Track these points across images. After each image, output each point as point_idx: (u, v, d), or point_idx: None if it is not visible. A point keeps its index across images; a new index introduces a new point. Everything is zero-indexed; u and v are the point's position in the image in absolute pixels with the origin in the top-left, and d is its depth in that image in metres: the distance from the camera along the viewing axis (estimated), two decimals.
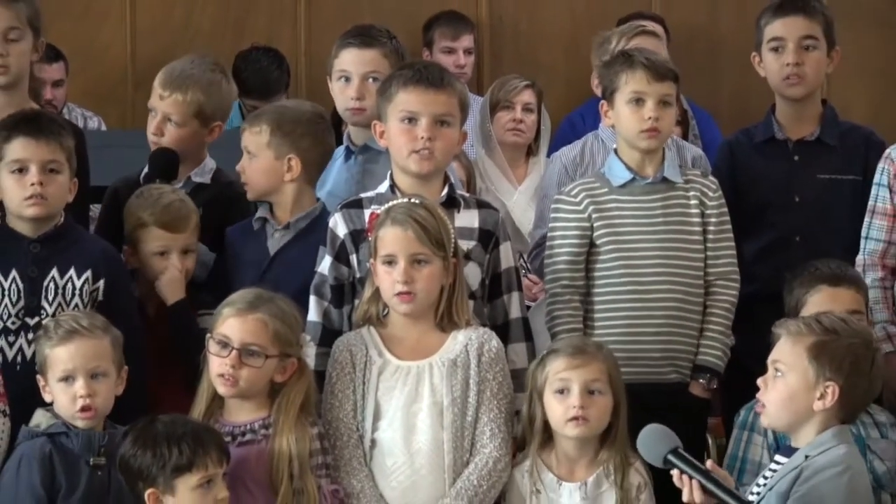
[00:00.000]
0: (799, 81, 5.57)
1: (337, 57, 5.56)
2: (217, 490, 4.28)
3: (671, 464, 4.10)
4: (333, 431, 4.59)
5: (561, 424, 4.61)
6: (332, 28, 7.74)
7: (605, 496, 4.63)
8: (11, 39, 5.29)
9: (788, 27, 5.58)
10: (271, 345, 4.52)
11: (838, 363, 4.27)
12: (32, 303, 4.79)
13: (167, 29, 7.73)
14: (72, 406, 4.47)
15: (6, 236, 4.89)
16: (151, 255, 5.08)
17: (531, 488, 4.64)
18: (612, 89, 5.10)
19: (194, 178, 5.43)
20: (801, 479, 4.16)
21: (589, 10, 7.81)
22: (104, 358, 4.51)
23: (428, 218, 4.61)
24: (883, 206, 5.33)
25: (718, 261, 5.09)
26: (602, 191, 5.10)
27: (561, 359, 4.63)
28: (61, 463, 4.43)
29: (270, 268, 5.07)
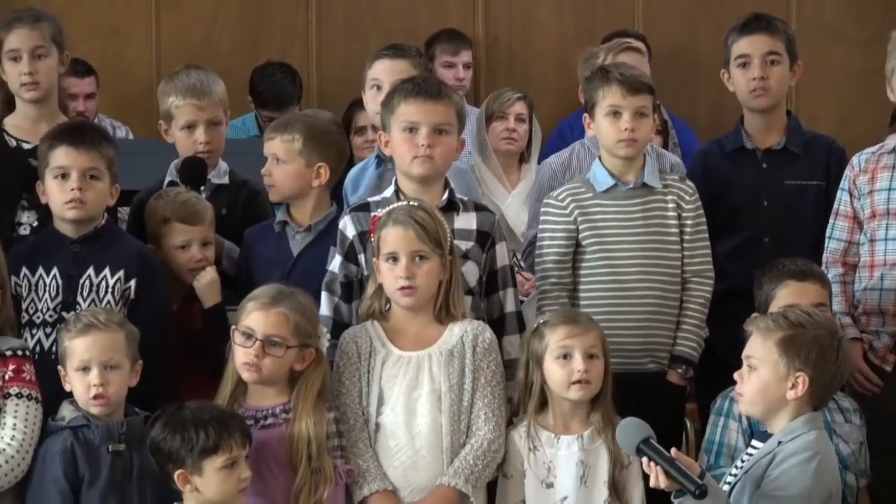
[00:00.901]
0: (764, 94, 5.57)
1: (370, 68, 5.56)
2: (240, 471, 4.29)
3: (642, 452, 4.14)
4: (341, 416, 4.59)
5: (563, 388, 4.62)
6: (341, 45, 7.81)
7: (599, 449, 4.62)
8: (39, 56, 5.31)
9: (753, 44, 5.59)
10: (292, 336, 4.51)
11: (806, 354, 4.29)
12: (69, 298, 4.82)
13: (189, 47, 7.68)
14: (86, 394, 4.47)
15: (52, 237, 4.93)
16: (174, 248, 5.09)
17: (529, 446, 4.64)
18: (592, 103, 5.11)
19: (213, 180, 5.43)
20: (773, 464, 4.20)
21: (576, 30, 7.78)
22: (118, 351, 4.50)
23: (427, 219, 4.61)
24: (845, 210, 5.34)
25: (694, 259, 5.10)
26: (587, 195, 5.10)
27: (562, 328, 4.63)
28: (83, 454, 4.43)
29: (295, 268, 5.08)
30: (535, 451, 4.64)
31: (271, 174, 5.19)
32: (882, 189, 5.26)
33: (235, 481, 4.29)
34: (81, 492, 4.41)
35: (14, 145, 5.29)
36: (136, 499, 4.45)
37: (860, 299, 5.27)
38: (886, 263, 5.22)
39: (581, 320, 4.70)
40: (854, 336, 5.22)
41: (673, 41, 7.94)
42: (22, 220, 5.18)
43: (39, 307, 4.84)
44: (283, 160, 5.19)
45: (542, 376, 4.66)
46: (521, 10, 8.07)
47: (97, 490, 4.42)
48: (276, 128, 5.26)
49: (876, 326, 5.24)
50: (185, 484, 4.29)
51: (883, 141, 5.53)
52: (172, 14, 7.96)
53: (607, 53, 6.04)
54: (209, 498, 4.29)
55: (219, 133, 5.50)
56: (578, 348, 4.62)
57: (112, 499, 4.42)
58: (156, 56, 7.89)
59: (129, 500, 4.45)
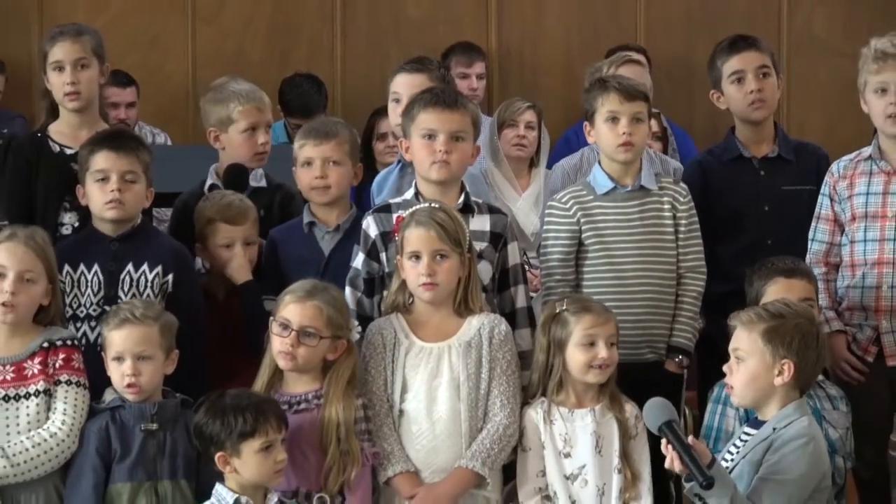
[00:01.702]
0: (762, 105, 5.57)
1: (392, 81, 5.55)
2: (276, 453, 4.30)
3: (662, 433, 4.15)
4: (367, 402, 4.59)
5: (583, 372, 4.65)
6: (363, 58, 7.78)
7: (610, 422, 4.65)
8: (81, 67, 5.31)
9: (745, 60, 5.59)
10: (325, 328, 4.53)
11: (789, 342, 4.31)
12: (110, 293, 4.86)
13: (223, 59, 7.69)
14: (121, 382, 4.50)
15: (92, 236, 4.96)
16: (218, 246, 5.12)
17: (546, 420, 4.65)
18: (592, 111, 5.11)
19: (251, 184, 5.44)
20: (771, 449, 4.21)
21: (582, 43, 7.77)
22: (151, 343, 4.50)
23: (447, 220, 4.63)
24: (826, 213, 5.35)
25: (688, 256, 5.10)
26: (588, 198, 5.10)
27: (588, 317, 4.65)
28: (116, 432, 4.46)
29: (328, 267, 5.06)
30: (551, 425, 4.66)
31: (327, 176, 5.15)
32: (860, 194, 5.26)
33: (272, 463, 4.30)
34: (112, 466, 4.45)
35: (57, 150, 5.29)
36: (167, 474, 4.47)
37: (843, 296, 5.27)
38: (867, 263, 5.22)
39: (602, 309, 4.72)
40: (839, 329, 5.25)
41: (672, 54, 7.93)
42: (64, 220, 5.20)
43: (82, 302, 4.86)
44: (337, 162, 5.18)
45: (562, 360, 4.68)
46: (532, 25, 8.05)
47: (127, 464, 4.44)
48: (322, 133, 5.21)
49: (859, 320, 5.24)
50: (226, 465, 4.30)
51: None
52: (207, 29, 7.95)
53: (610, 66, 6.07)
54: (247, 478, 4.30)
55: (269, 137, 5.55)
56: (602, 336, 4.65)
57: (140, 473, 4.45)
58: (192, 68, 7.88)
59: (160, 475, 4.46)
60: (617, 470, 4.62)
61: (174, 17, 7.97)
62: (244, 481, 4.31)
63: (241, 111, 5.48)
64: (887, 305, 5.20)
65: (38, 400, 4.53)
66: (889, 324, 5.22)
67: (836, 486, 4.66)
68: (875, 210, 5.24)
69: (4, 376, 4.53)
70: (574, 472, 4.63)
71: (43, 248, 4.61)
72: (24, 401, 4.53)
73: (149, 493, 4.44)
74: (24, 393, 4.54)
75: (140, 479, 4.44)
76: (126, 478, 4.44)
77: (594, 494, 4.60)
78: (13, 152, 5.34)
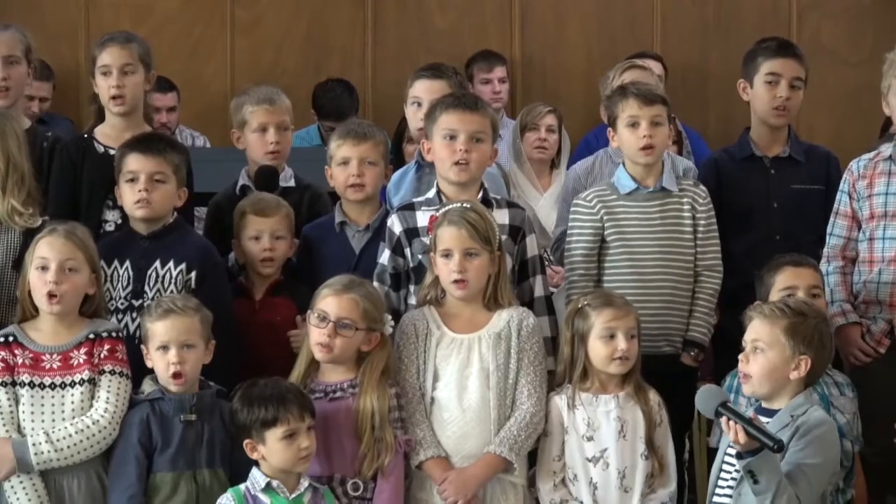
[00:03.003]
0: (785, 113, 5.56)
1: (412, 87, 5.57)
2: (301, 441, 4.28)
3: (721, 413, 4.13)
4: (400, 391, 4.59)
5: (606, 363, 4.62)
6: (392, 65, 7.82)
7: (634, 409, 4.62)
8: (127, 73, 5.30)
9: (785, 67, 5.54)
10: (361, 319, 4.52)
11: (809, 340, 4.31)
12: (137, 288, 4.83)
13: (260, 67, 7.70)
14: (166, 371, 4.47)
15: (127, 234, 4.95)
16: (248, 239, 5.06)
17: (570, 405, 4.62)
18: (614, 117, 5.11)
19: (281, 184, 5.40)
20: (797, 435, 4.18)
21: (601, 52, 7.77)
22: (193, 333, 4.49)
23: (478, 219, 4.62)
24: (844, 210, 5.30)
25: (706, 255, 5.09)
26: (612, 197, 5.10)
27: (608, 310, 4.63)
28: (157, 423, 4.44)
29: (359, 263, 5.02)
30: (574, 410, 4.63)
31: (363, 175, 5.10)
32: (880, 193, 5.23)
33: (296, 450, 4.28)
34: (154, 457, 4.43)
35: (102, 151, 5.27)
36: (205, 463, 4.45)
37: (860, 290, 5.24)
38: (884, 259, 5.19)
39: (622, 304, 4.69)
40: (854, 321, 5.21)
41: (686, 62, 7.93)
42: (107, 217, 5.17)
43: (114, 296, 4.84)
44: (373, 162, 5.14)
45: (585, 351, 4.64)
46: (553, 34, 8.06)
47: (168, 454, 4.43)
48: (360, 134, 5.18)
49: (874, 313, 5.20)
50: (253, 451, 4.31)
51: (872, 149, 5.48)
52: (245, 38, 7.97)
53: (616, 71, 6.04)
54: (274, 465, 4.30)
55: (286, 137, 5.48)
56: (622, 329, 4.61)
57: (181, 463, 4.43)
58: (230, 75, 7.89)
59: (199, 463, 4.44)
60: (643, 456, 4.59)
61: (213, 27, 7.98)
62: (273, 466, 4.31)
63: (253, 112, 5.45)
64: None
65: (83, 388, 4.52)
66: None
67: (844, 468, 4.64)
68: (894, 209, 5.20)
69: (51, 365, 4.53)
70: (596, 455, 4.60)
71: (83, 241, 4.60)
72: (70, 389, 4.52)
73: (189, 482, 4.42)
74: (70, 381, 4.53)
75: (181, 468, 4.43)
76: (168, 468, 4.42)
77: (615, 477, 4.57)
78: (59, 153, 5.31)
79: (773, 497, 4.06)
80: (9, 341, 4.53)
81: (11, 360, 4.50)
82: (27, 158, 4.92)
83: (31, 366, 4.51)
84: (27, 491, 4.43)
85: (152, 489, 4.41)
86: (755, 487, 4.07)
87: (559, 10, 8.04)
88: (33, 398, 4.49)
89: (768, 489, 4.06)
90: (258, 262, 5.04)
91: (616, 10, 8.04)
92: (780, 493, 4.06)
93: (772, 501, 4.07)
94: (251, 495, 4.29)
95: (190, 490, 4.40)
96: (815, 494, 4.21)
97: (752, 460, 4.05)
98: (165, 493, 4.41)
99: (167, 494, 4.40)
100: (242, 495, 4.29)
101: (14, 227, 4.81)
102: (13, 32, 5.49)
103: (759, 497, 4.08)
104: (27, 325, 4.57)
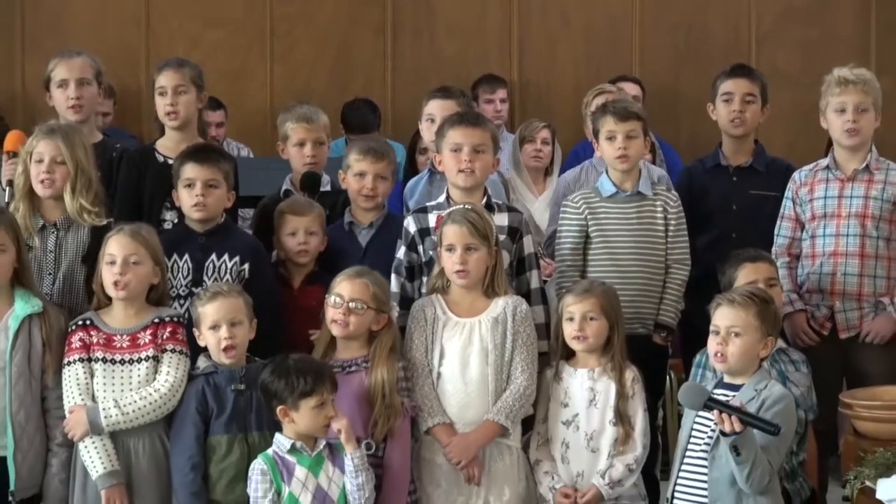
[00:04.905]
0: (741, 124, 5.56)
1: (426, 105, 5.61)
2: (327, 410, 4.27)
3: (710, 407, 4.10)
4: (412, 366, 4.60)
5: (569, 341, 4.64)
6: (408, 87, 7.77)
7: (606, 381, 4.60)
8: (180, 93, 5.31)
9: (737, 85, 5.58)
10: (371, 301, 4.53)
11: (773, 322, 4.36)
12: (197, 277, 4.85)
13: (294, 87, 7.66)
14: (218, 347, 4.47)
15: (184, 231, 4.96)
16: (286, 235, 5.06)
17: (554, 377, 4.64)
18: (596, 131, 5.16)
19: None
20: (765, 407, 4.18)
21: (588, 75, 7.73)
22: (239, 311, 4.49)
23: (477, 219, 4.63)
24: (788, 213, 5.31)
25: (675, 250, 5.10)
26: (595, 199, 5.12)
27: (568, 296, 4.66)
28: (212, 393, 4.45)
29: (365, 256, 5.03)
30: (558, 382, 4.64)
31: (376, 188, 5.14)
32: (820, 197, 5.24)
33: (322, 418, 4.28)
34: (211, 422, 4.44)
35: (162, 161, 5.27)
36: (254, 426, 4.44)
37: (804, 281, 5.25)
38: (825, 254, 5.20)
39: (581, 290, 4.66)
40: (800, 308, 5.22)
41: (661, 84, 7.91)
42: (166, 217, 5.17)
43: (174, 284, 4.84)
44: (385, 178, 5.18)
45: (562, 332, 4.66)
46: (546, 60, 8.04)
47: (223, 420, 4.44)
48: (379, 154, 5.20)
49: (817, 301, 5.22)
50: (285, 417, 4.29)
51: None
52: (281, 65, 7.96)
53: (590, 96, 6.08)
54: (302, 430, 4.29)
55: (321, 150, 5.49)
56: (578, 313, 4.61)
57: (234, 427, 4.43)
58: (269, 96, 7.88)
59: (249, 427, 4.44)
60: (611, 422, 4.56)
61: (254, 55, 7.98)
62: (300, 431, 4.30)
63: (293, 128, 5.47)
64: (840, 289, 5.18)
65: (148, 364, 4.54)
66: (842, 304, 5.19)
67: (798, 434, 4.64)
68: (832, 210, 5.21)
69: (121, 344, 4.55)
70: (569, 419, 4.60)
71: (146, 238, 4.61)
72: (137, 364, 4.54)
73: (241, 443, 4.42)
74: (137, 358, 4.55)
75: (234, 431, 4.43)
76: (223, 431, 4.43)
77: (583, 438, 4.56)
78: (126, 162, 5.34)
79: (752, 467, 4.08)
80: (86, 324, 4.55)
81: (88, 340, 4.52)
82: (94, 166, 4.93)
83: (104, 344, 4.53)
84: (98, 450, 4.45)
85: (210, 450, 4.42)
86: (737, 459, 4.07)
87: (551, 39, 8.02)
88: (105, 372, 4.51)
89: (748, 460, 4.07)
90: (294, 255, 5.03)
91: (600, 39, 8.02)
92: (757, 464, 4.08)
93: (750, 470, 4.09)
94: (279, 457, 4.27)
95: (242, 450, 4.40)
96: (781, 458, 4.24)
97: (737, 438, 4.04)
98: (221, 453, 4.41)
99: (223, 454, 4.41)
100: (272, 458, 4.28)
101: (83, 224, 4.82)
102: (85, 58, 5.52)
103: (740, 467, 4.09)
104: (102, 311, 4.60)
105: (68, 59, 5.49)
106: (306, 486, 4.25)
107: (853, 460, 4.48)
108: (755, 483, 4.11)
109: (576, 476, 4.57)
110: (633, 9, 8.05)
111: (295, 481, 4.25)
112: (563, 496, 4.52)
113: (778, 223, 5.33)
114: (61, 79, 5.43)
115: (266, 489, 4.24)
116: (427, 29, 8.01)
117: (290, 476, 4.26)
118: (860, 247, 5.15)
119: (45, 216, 4.85)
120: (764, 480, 4.12)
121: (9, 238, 4.55)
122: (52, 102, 5.50)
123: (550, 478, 4.56)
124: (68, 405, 4.50)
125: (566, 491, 4.53)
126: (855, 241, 5.15)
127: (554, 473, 4.57)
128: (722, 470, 4.19)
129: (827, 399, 4.94)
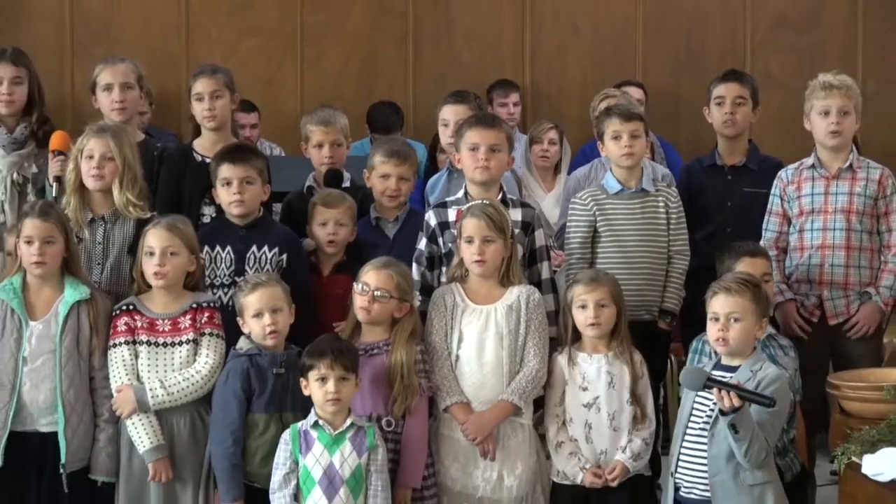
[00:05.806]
0: (732, 125, 5.57)
1: (440, 110, 5.61)
2: (329, 386, 4.25)
3: (710, 386, 4.10)
4: (432, 350, 4.60)
5: (583, 328, 4.64)
6: (429, 91, 7.70)
7: (620, 365, 4.62)
8: (216, 97, 5.32)
9: (728, 89, 5.59)
10: (394, 290, 4.53)
11: (765, 305, 4.38)
12: (240, 267, 4.85)
13: (323, 93, 7.57)
14: (262, 333, 4.47)
15: (225, 225, 4.96)
16: (317, 226, 5.04)
17: (570, 362, 4.63)
18: (602, 132, 5.15)
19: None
20: (762, 387, 4.16)
21: (594, 80, 7.69)
22: (279, 299, 4.49)
23: (494, 213, 4.63)
24: (776, 209, 5.30)
25: (676, 242, 5.11)
26: (602, 196, 5.12)
27: (580, 285, 4.64)
28: (255, 374, 4.44)
29: (393, 247, 5.03)
30: (573, 367, 4.64)
31: (399, 189, 5.14)
32: (807, 194, 5.23)
33: (323, 393, 4.26)
34: (252, 400, 4.44)
35: (199, 160, 5.28)
36: (290, 406, 4.44)
37: (793, 272, 5.24)
38: (812, 246, 5.20)
39: (590, 279, 4.66)
40: (790, 298, 5.21)
41: (663, 87, 7.87)
42: (205, 212, 5.17)
43: (218, 273, 4.85)
44: (407, 179, 5.19)
45: (572, 318, 4.66)
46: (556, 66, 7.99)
47: (263, 400, 4.44)
48: (403, 157, 5.20)
49: (806, 291, 5.22)
50: (305, 388, 4.32)
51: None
52: (311, 70, 7.91)
53: (597, 100, 6.08)
54: (315, 403, 4.31)
55: (338, 151, 5.47)
56: (591, 301, 4.62)
57: (272, 406, 4.43)
58: (300, 99, 7.83)
59: (286, 407, 4.44)
60: (628, 402, 4.59)
61: (286, 61, 7.92)
62: (316, 405, 4.30)
63: (312, 130, 5.46)
64: (828, 279, 5.19)
65: (188, 347, 4.57)
66: (830, 293, 5.20)
67: (788, 413, 4.59)
68: (819, 206, 5.21)
69: (164, 328, 4.57)
70: (590, 402, 4.60)
71: (181, 230, 4.62)
72: (178, 347, 4.57)
73: (277, 422, 4.41)
74: (178, 341, 4.58)
75: (272, 411, 4.43)
76: (263, 410, 4.43)
77: (606, 419, 4.58)
78: (166, 160, 5.34)
79: (749, 443, 4.08)
80: (129, 309, 4.57)
81: (132, 324, 4.55)
82: (139, 163, 4.95)
83: (147, 328, 4.55)
84: (145, 426, 4.49)
85: (249, 426, 4.42)
86: (736, 436, 4.07)
87: (561, 47, 7.97)
88: (149, 354, 4.55)
89: (745, 437, 4.07)
90: (324, 244, 5.02)
91: (606, 47, 7.97)
92: (754, 440, 4.09)
93: (748, 447, 4.09)
94: (302, 431, 4.29)
95: (277, 429, 4.38)
96: (776, 434, 4.24)
97: (735, 416, 4.05)
98: (259, 430, 4.41)
99: (260, 431, 4.41)
100: (298, 431, 4.29)
101: (129, 216, 4.83)
102: (128, 63, 5.52)
103: (738, 444, 4.09)
104: (143, 296, 4.61)
105: (112, 65, 5.50)
106: (319, 462, 4.25)
107: (840, 437, 4.48)
108: (753, 458, 4.12)
109: (599, 454, 4.58)
110: (636, 19, 8.02)
111: (310, 455, 4.26)
112: (593, 476, 4.53)
113: (766, 218, 5.32)
114: (106, 83, 5.44)
115: (286, 457, 4.26)
116: (446, 38, 7.98)
117: (308, 450, 4.27)
118: (846, 240, 5.14)
119: (94, 210, 4.88)
120: (761, 455, 4.13)
121: (57, 230, 4.56)
122: (97, 105, 5.51)
123: (577, 458, 4.56)
124: (115, 384, 4.52)
125: (596, 471, 4.53)
126: (841, 235, 5.15)
127: (579, 454, 4.57)
128: (720, 446, 4.20)
129: (815, 380, 4.93)
